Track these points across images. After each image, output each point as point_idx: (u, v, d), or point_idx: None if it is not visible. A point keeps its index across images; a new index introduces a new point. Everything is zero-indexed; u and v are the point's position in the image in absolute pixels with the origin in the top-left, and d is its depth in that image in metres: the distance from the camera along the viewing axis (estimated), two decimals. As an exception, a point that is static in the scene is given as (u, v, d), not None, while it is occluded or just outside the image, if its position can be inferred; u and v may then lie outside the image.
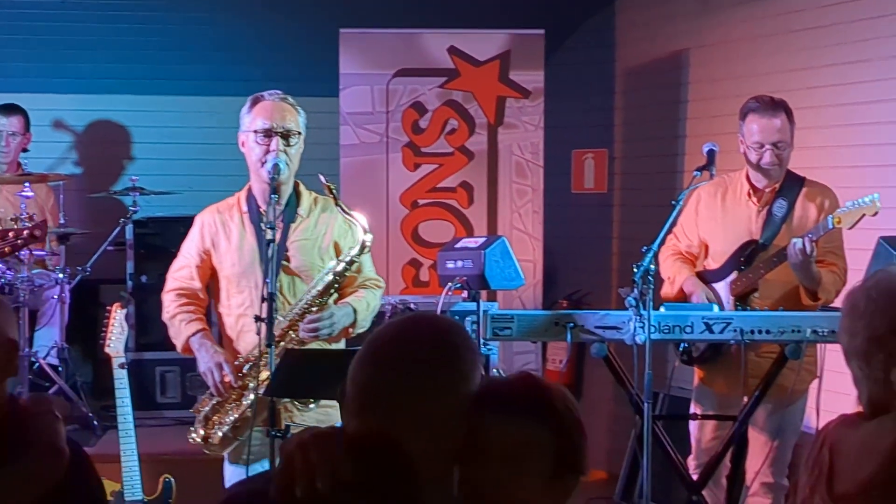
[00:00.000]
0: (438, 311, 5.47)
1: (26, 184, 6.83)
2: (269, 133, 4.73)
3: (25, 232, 5.08)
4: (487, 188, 7.52)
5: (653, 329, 5.01)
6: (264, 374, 4.48)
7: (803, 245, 5.11)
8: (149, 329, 7.38)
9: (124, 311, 5.73)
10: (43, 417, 3.05)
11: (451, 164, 7.53)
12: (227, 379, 4.68)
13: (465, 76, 7.48)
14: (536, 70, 7.50)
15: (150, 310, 7.32)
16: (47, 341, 7.22)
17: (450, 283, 5.48)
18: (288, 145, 4.74)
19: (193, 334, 4.78)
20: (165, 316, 4.93)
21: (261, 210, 4.80)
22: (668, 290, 5.71)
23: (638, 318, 4.98)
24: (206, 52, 8.37)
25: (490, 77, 7.49)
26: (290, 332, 4.66)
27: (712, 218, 5.64)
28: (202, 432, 4.74)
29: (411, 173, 7.51)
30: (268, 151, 4.72)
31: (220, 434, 4.71)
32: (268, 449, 4.54)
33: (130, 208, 7.28)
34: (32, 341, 7.02)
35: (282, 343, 4.60)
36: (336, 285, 4.73)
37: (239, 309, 4.79)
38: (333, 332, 4.67)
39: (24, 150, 7.68)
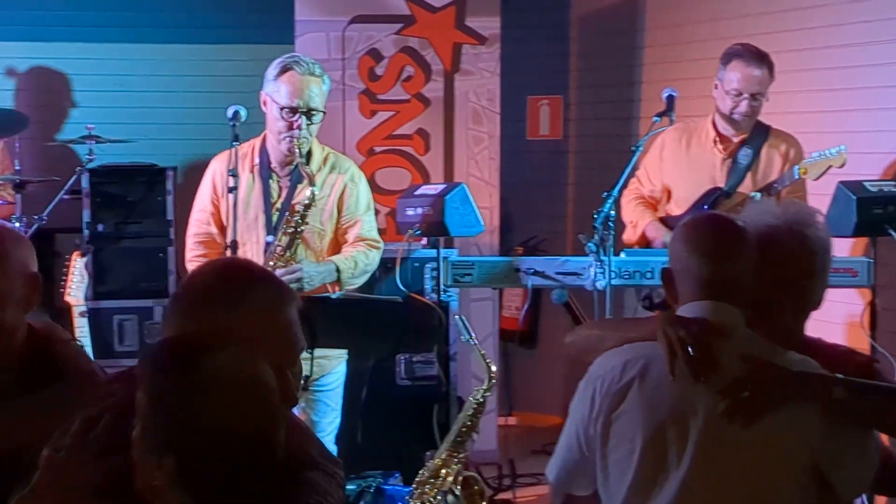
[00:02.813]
0: (398, 259, 5.50)
1: (-22, 133, 6.79)
2: (293, 111, 4.76)
3: None
4: (444, 135, 7.51)
5: (613, 275, 5.06)
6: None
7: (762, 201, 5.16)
8: (106, 278, 7.35)
9: (84, 259, 5.71)
10: (67, 343, 3.18)
11: (407, 111, 7.51)
12: None
13: (421, 22, 7.45)
14: (492, 16, 7.47)
15: (107, 258, 7.32)
16: (3, 290, 7.17)
17: (409, 231, 5.51)
18: (310, 122, 4.82)
19: None
20: (187, 262, 5.05)
21: (271, 166, 4.87)
22: (630, 235, 5.76)
23: (598, 263, 5.03)
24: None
25: (446, 23, 7.46)
26: None
27: (676, 164, 5.68)
28: None
29: (367, 121, 7.49)
30: (290, 127, 4.76)
31: None
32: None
33: (86, 156, 7.23)
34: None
35: None
36: (296, 238, 4.75)
37: None
38: (306, 287, 4.70)
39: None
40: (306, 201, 4.72)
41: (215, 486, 2.04)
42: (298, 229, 4.74)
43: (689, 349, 2.76)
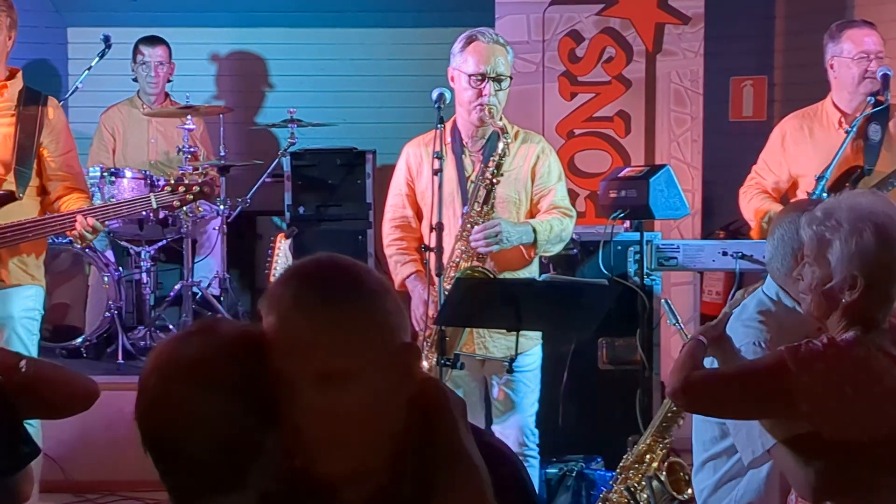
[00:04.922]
0: (601, 242, 5.43)
1: (188, 117, 6.93)
2: (482, 77, 4.76)
3: (195, 187, 5.12)
4: (645, 117, 7.41)
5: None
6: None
7: None
8: (307, 260, 7.43)
9: (288, 241, 5.76)
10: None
11: (607, 92, 7.43)
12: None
13: (623, 3, 7.35)
14: (697, -6, 7.35)
15: (307, 241, 7.38)
16: (208, 271, 7.33)
17: (612, 213, 5.43)
18: (499, 89, 4.82)
19: (407, 276, 4.98)
20: (385, 247, 5.14)
21: (464, 143, 4.92)
22: (757, 229, 5.59)
23: (811, 247, 4.88)
24: (359, -16, 8.39)
25: (649, 3, 7.35)
26: (465, 254, 4.71)
27: (803, 152, 5.52)
28: (424, 364, 4.80)
29: (567, 103, 7.43)
30: (480, 95, 4.76)
31: (426, 366, 4.77)
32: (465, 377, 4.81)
33: (288, 140, 7.34)
34: (194, 272, 7.11)
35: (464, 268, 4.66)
36: (492, 191, 4.73)
37: None
38: (504, 243, 4.70)
39: (169, 81, 7.78)
40: (500, 152, 4.71)
41: None
42: (494, 181, 4.73)
43: None
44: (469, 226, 4.73)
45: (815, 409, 3.02)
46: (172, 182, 5.18)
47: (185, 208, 6.70)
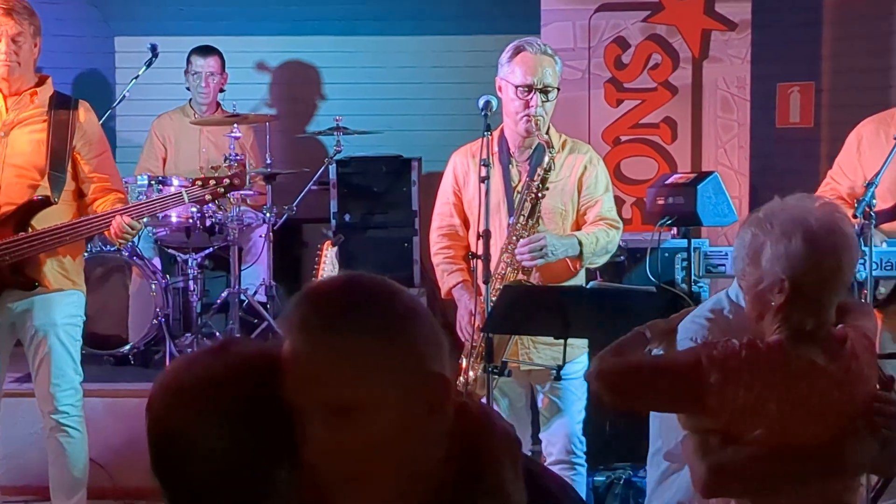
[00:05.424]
0: (649, 249, 5.42)
1: (235, 125, 6.96)
2: (529, 89, 4.76)
3: (225, 180, 5.13)
4: (692, 123, 7.37)
5: (874, 266, 4.87)
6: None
7: None
8: (353, 268, 7.34)
9: (335, 249, 5.77)
10: None
11: (654, 99, 7.39)
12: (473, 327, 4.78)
13: (668, 9, 7.32)
14: (743, 1, 7.30)
15: (353, 248, 7.40)
16: (255, 279, 7.36)
17: (659, 220, 5.42)
18: (546, 100, 4.81)
19: (454, 286, 5.00)
20: (432, 256, 5.16)
21: (511, 153, 4.91)
22: None
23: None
24: (403, -8, 8.40)
25: (695, 9, 7.32)
26: (510, 267, 4.70)
27: (878, 157, 5.44)
28: (470, 374, 4.79)
29: (613, 109, 7.40)
30: (527, 106, 4.76)
31: (473, 375, 4.77)
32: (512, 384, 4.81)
33: (334, 148, 7.36)
34: (240, 279, 7.14)
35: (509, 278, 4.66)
36: (538, 204, 4.73)
37: None
38: (549, 257, 4.69)
39: (221, 91, 7.81)
40: (546, 165, 4.70)
41: None
42: (539, 194, 4.72)
43: None
44: (514, 238, 4.73)
45: (722, 407, 3.03)
46: (203, 177, 5.20)
47: (230, 215, 6.80)
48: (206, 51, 7.74)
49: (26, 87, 5.03)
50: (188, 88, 7.78)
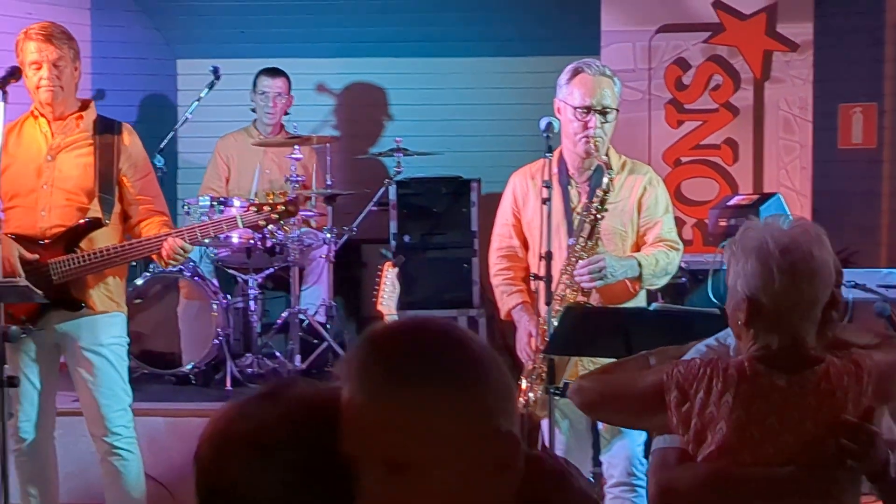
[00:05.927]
0: (711, 270, 5.39)
1: (296, 146, 7.00)
2: (587, 110, 4.76)
3: (280, 206, 5.13)
4: (753, 144, 7.35)
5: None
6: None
7: None
8: (412, 288, 7.40)
9: (395, 269, 5.78)
10: None
11: (715, 120, 7.38)
12: (532, 348, 4.76)
13: (730, 30, 7.31)
14: (805, 22, 7.28)
15: (413, 269, 7.38)
16: (315, 299, 7.37)
17: (723, 242, 5.39)
18: (605, 122, 4.80)
19: (513, 307, 4.99)
20: (492, 277, 5.16)
21: (570, 174, 4.90)
22: None
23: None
24: (464, 13, 8.40)
25: (756, 31, 7.30)
26: (570, 288, 4.69)
27: None
28: (530, 395, 4.78)
29: (674, 130, 7.40)
30: (585, 127, 4.75)
31: (532, 397, 4.76)
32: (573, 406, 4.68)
33: (394, 169, 7.39)
34: (300, 299, 7.17)
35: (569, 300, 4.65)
36: (597, 226, 4.71)
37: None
38: (608, 278, 4.68)
39: (286, 113, 7.86)
40: (604, 187, 4.69)
41: None
42: (598, 216, 4.71)
43: None
44: (574, 259, 4.72)
45: (683, 424, 3.04)
46: (258, 202, 5.21)
47: (291, 236, 6.82)
48: (274, 72, 7.79)
49: (70, 111, 5.08)
50: (253, 110, 7.83)
